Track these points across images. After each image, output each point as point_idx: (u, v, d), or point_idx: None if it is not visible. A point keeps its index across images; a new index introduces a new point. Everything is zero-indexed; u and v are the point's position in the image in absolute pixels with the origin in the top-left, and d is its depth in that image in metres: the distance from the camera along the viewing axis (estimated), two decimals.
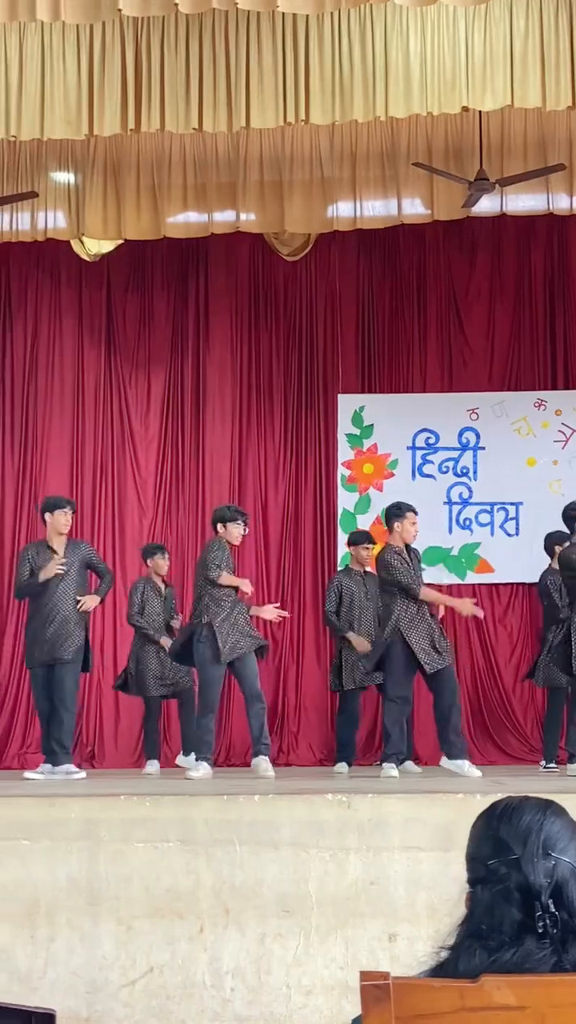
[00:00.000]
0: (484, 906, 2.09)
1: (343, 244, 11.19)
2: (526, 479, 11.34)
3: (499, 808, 2.16)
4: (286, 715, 11.06)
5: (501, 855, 2.09)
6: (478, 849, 2.14)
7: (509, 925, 2.06)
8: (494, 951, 2.05)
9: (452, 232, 11.24)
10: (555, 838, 2.09)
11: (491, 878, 2.09)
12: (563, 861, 2.07)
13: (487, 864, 2.10)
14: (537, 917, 2.05)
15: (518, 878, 2.07)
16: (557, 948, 2.04)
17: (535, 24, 7.79)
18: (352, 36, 7.93)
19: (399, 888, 5.91)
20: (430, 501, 11.37)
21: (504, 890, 2.07)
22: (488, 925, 2.07)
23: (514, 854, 2.08)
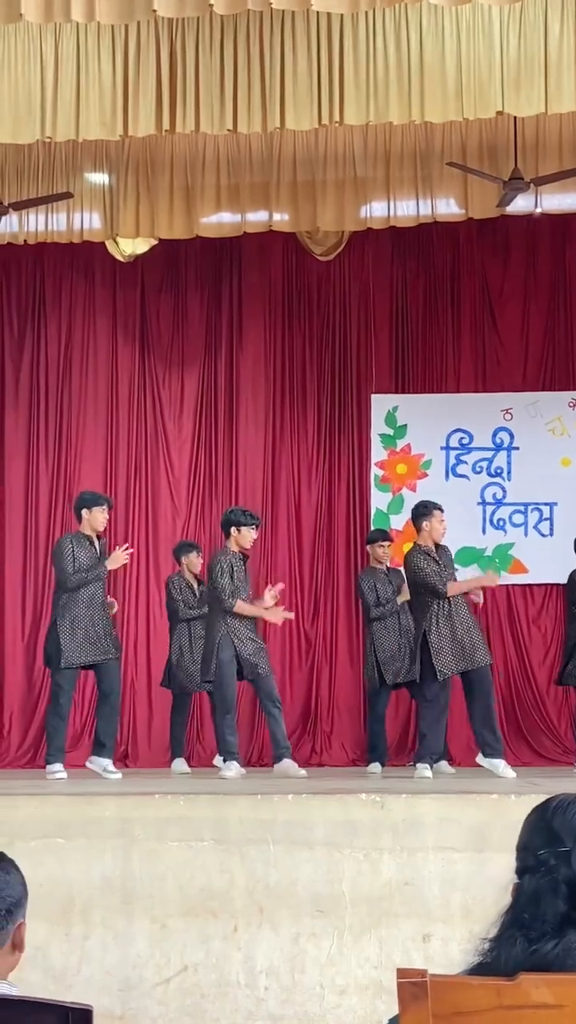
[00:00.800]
0: (529, 895, 2.11)
1: (376, 243, 11.18)
2: (560, 479, 11.30)
3: (555, 802, 2.19)
4: (319, 715, 11.07)
5: (552, 846, 2.11)
6: (530, 839, 2.17)
7: (553, 916, 2.07)
8: (535, 941, 2.06)
9: (486, 231, 11.22)
10: None
11: (539, 868, 2.11)
12: None
13: (537, 854, 2.12)
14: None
15: (567, 871, 2.09)
16: None
17: (570, 28, 7.75)
18: (387, 37, 7.91)
19: (433, 888, 5.91)
20: (464, 501, 11.37)
21: (552, 881, 2.09)
22: (531, 915, 2.09)
23: (565, 847, 2.10)
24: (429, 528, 8.51)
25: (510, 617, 11.23)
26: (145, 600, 11.20)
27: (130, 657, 10.92)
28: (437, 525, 8.56)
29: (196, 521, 11.47)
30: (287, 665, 11.27)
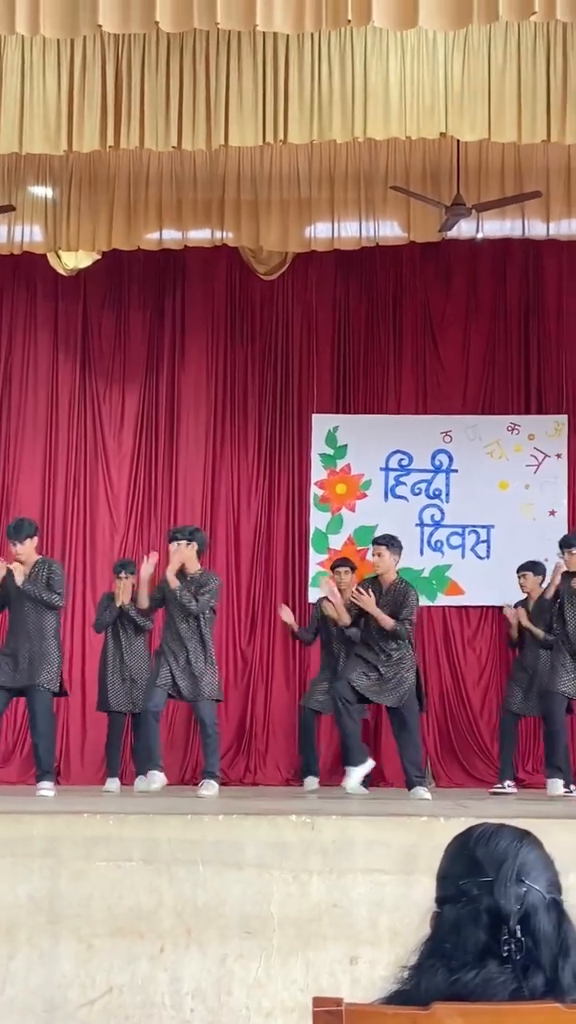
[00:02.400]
0: (450, 925, 2.10)
1: (320, 264, 11.22)
2: (498, 502, 11.37)
3: (477, 831, 2.17)
4: (254, 734, 11.04)
5: (474, 876, 2.10)
6: (451, 868, 2.15)
7: (473, 946, 2.06)
8: (456, 971, 2.05)
9: (429, 255, 11.28)
10: (530, 866, 2.10)
11: (461, 898, 2.09)
12: (535, 889, 2.08)
13: (459, 883, 2.11)
14: (503, 941, 2.05)
15: (489, 901, 2.07)
16: (518, 975, 2.05)
17: (513, 56, 7.84)
18: (332, 58, 7.96)
19: (361, 910, 5.89)
20: (402, 523, 11.37)
21: (473, 911, 2.07)
22: (452, 944, 2.08)
23: (488, 877, 2.09)
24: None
25: (446, 639, 11.27)
26: (81, 616, 11.12)
27: (64, 674, 10.83)
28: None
29: (134, 537, 11.42)
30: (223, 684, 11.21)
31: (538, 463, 11.42)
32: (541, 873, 2.11)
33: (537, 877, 2.10)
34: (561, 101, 7.90)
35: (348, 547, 11.36)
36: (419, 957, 2.14)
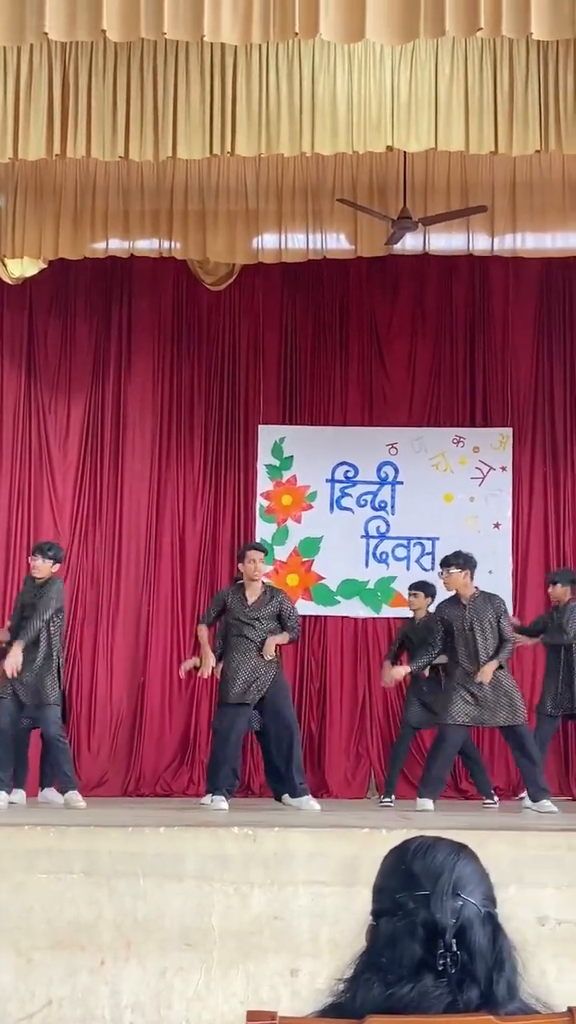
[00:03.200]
0: (386, 938, 2.10)
1: (267, 276, 11.22)
2: (443, 515, 11.41)
3: (414, 844, 2.17)
4: (198, 746, 11.00)
5: (411, 889, 2.10)
6: (387, 881, 2.15)
7: (409, 959, 2.06)
8: (391, 984, 2.05)
9: (375, 268, 11.32)
10: (466, 880, 2.11)
11: (397, 911, 2.10)
12: (470, 903, 2.08)
13: (395, 897, 2.11)
14: (438, 955, 2.05)
15: (425, 914, 2.07)
16: (453, 988, 2.05)
17: (460, 69, 7.89)
18: (280, 71, 7.97)
19: (302, 922, 5.89)
20: (347, 534, 11.44)
21: (409, 924, 2.07)
22: (388, 958, 2.08)
23: (424, 890, 2.09)
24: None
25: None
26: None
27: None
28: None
29: (79, 548, 11.36)
30: (167, 696, 11.21)
31: (483, 476, 11.48)
32: (477, 887, 2.12)
33: (473, 891, 2.10)
34: (507, 115, 7.96)
35: (293, 558, 11.38)
36: (355, 970, 2.14)
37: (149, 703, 11.15)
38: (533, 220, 9.79)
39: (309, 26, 6.66)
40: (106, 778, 10.77)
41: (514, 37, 7.19)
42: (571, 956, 5.81)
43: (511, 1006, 2.08)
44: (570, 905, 5.89)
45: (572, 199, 9.68)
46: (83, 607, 11.17)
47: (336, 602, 11.33)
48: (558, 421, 11.53)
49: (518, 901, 5.84)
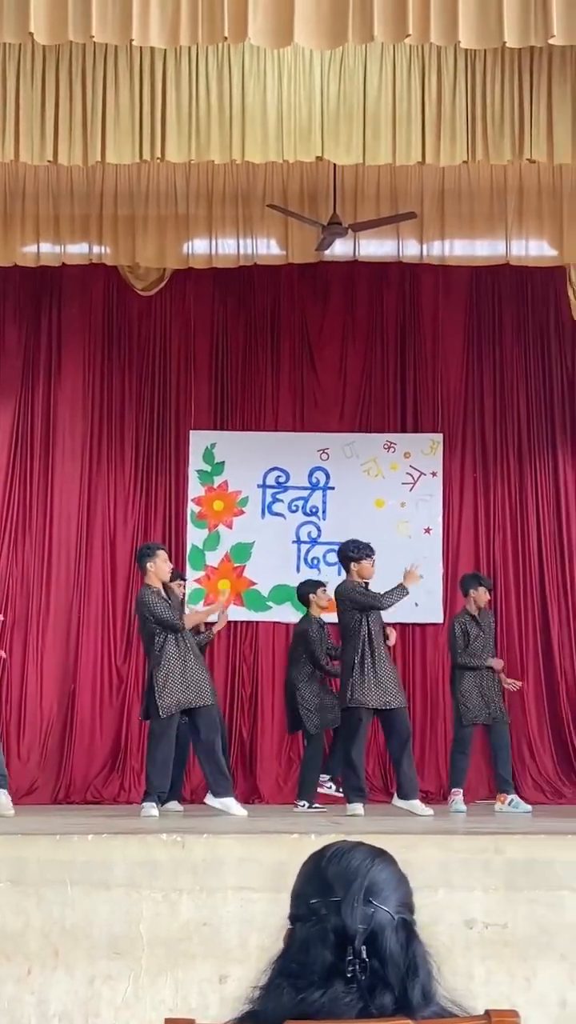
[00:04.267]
0: (300, 944, 2.10)
1: (198, 281, 11.21)
2: (374, 520, 11.44)
3: (331, 849, 2.17)
4: (129, 753, 10.96)
5: (324, 895, 2.10)
6: (303, 887, 2.15)
7: (320, 966, 2.06)
8: (302, 990, 2.05)
9: (307, 274, 11.35)
10: (379, 886, 2.10)
11: (311, 917, 2.09)
12: (382, 910, 2.08)
13: (309, 902, 2.11)
14: (348, 961, 2.05)
15: (336, 920, 2.07)
16: (364, 994, 2.05)
17: (388, 79, 7.95)
18: (210, 76, 8.00)
19: (231, 929, 5.88)
20: (279, 540, 11.45)
21: (321, 930, 2.07)
22: (300, 964, 2.07)
23: (336, 896, 2.08)
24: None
25: None
26: None
27: None
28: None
29: (9, 553, 11.28)
30: (98, 702, 11.16)
31: (414, 481, 11.54)
32: (391, 893, 2.11)
33: (387, 897, 2.10)
34: (435, 124, 8.03)
35: (225, 564, 11.37)
36: (269, 976, 2.13)
37: (79, 710, 11.09)
38: (462, 228, 9.87)
39: (238, 30, 6.68)
40: (36, 785, 10.70)
41: (442, 45, 7.26)
42: (499, 959, 5.84)
43: (427, 1011, 2.08)
44: (498, 908, 5.92)
45: (500, 207, 9.77)
46: (13, 612, 11.08)
47: (267, 607, 11.34)
48: (487, 427, 11.62)
49: (446, 905, 5.87)
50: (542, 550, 11.47)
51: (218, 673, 10.94)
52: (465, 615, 9.67)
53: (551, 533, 11.51)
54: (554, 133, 7.98)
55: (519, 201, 9.81)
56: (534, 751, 11.02)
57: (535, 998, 5.78)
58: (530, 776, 10.91)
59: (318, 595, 9.67)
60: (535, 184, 9.71)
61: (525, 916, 5.92)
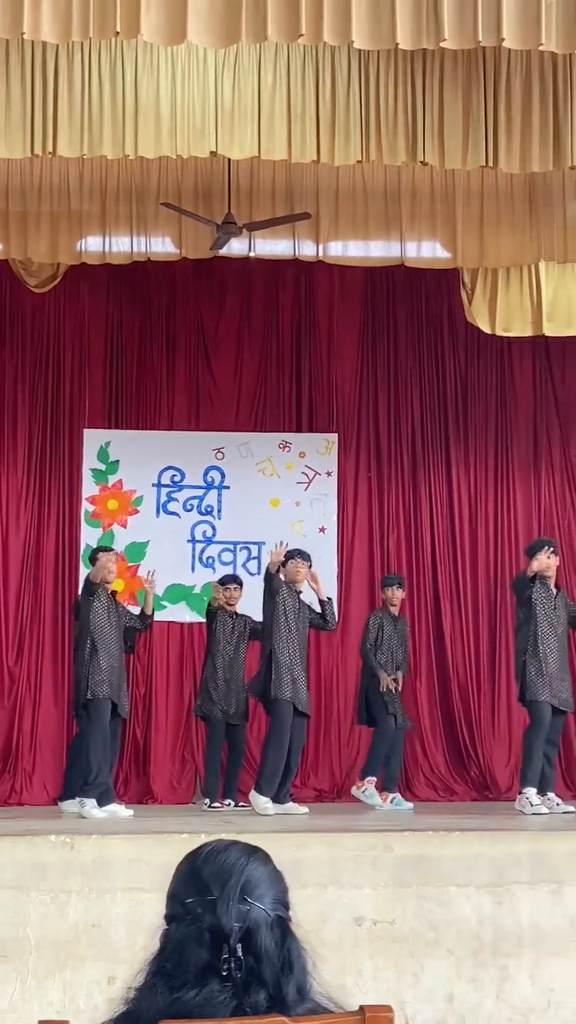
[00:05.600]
0: (174, 944, 2.09)
1: (92, 277, 11.12)
2: (269, 519, 11.46)
3: (207, 848, 2.17)
4: (20, 754, 10.84)
5: (200, 895, 2.09)
6: (178, 887, 2.15)
7: (195, 965, 2.05)
8: (177, 990, 2.04)
9: (202, 272, 11.32)
10: (255, 884, 2.10)
11: (185, 916, 2.09)
12: (258, 907, 2.08)
13: (184, 902, 2.10)
14: (223, 960, 2.05)
15: (211, 919, 2.07)
16: (239, 992, 2.05)
17: (282, 78, 7.96)
18: (103, 72, 7.93)
19: (120, 930, 5.85)
20: (174, 539, 11.41)
21: (196, 929, 2.07)
22: (174, 963, 2.07)
23: (212, 895, 2.08)
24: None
25: None
26: None
27: None
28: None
29: None
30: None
31: (309, 481, 11.57)
32: (267, 890, 2.11)
33: (262, 895, 2.10)
34: (330, 123, 8.05)
35: (119, 563, 11.27)
36: (144, 976, 2.13)
37: None
38: (356, 228, 9.91)
39: (130, 26, 6.64)
40: None
41: (335, 44, 7.28)
42: (387, 955, 5.88)
43: (302, 1007, 2.08)
44: (386, 905, 5.96)
45: (394, 209, 9.83)
46: None
47: (162, 607, 11.26)
48: (382, 427, 11.69)
49: (335, 902, 5.90)
50: (435, 549, 11.57)
51: None
52: (383, 613, 9.92)
53: (444, 532, 11.61)
54: (446, 137, 8.04)
55: (413, 204, 9.88)
56: (426, 749, 11.11)
57: (423, 993, 5.83)
58: (422, 774, 11.00)
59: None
60: (428, 187, 9.79)
61: (413, 912, 5.97)
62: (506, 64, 8.04)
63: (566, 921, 6.26)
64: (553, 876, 6.32)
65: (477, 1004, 5.96)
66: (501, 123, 8.00)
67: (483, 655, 11.34)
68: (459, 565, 11.50)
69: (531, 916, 6.22)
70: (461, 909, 6.04)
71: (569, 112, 8.01)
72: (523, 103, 8.04)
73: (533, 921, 6.22)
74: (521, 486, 11.72)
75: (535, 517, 11.68)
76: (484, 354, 11.73)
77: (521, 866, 6.28)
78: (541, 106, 8.03)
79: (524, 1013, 6.01)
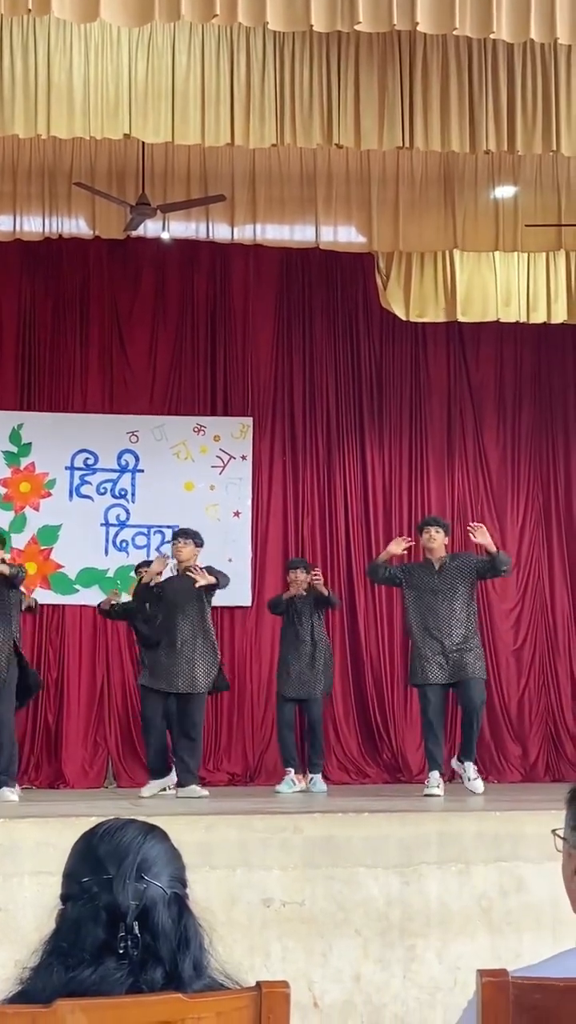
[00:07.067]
0: (70, 923, 2.10)
1: (4, 257, 10.98)
2: (184, 503, 11.43)
3: (103, 828, 2.18)
4: None
5: (96, 874, 2.09)
6: (74, 866, 2.15)
7: (91, 944, 2.06)
8: (73, 968, 2.05)
9: (116, 254, 11.24)
10: (151, 862, 2.11)
11: (82, 896, 2.10)
12: (155, 885, 2.09)
13: (80, 881, 2.10)
14: (119, 938, 2.05)
15: (107, 898, 2.07)
16: (135, 970, 2.05)
17: (196, 59, 7.92)
18: (14, 50, 7.83)
19: (28, 914, 5.81)
20: (87, 522, 11.34)
21: (92, 908, 2.08)
22: (70, 943, 2.08)
23: (108, 874, 2.09)
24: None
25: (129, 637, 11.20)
26: None
27: None
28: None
29: None
30: None
31: (223, 464, 11.55)
32: (164, 868, 2.12)
33: (159, 872, 2.11)
34: (244, 105, 8.03)
35: (31, 546, 11.20)
36: (40, 956, 2.12)
37: None
38: (272, 211, 9.88)
39: (42, 3, 6.56)
40: None
41: (250, 25, 7.25)
42: (295, 937, 5.90)
43: (198, 984, 2.09)
44: (294, 886, 5.98)
45: (310, 191, 9.82)
46: None
47: (75, 591, 11.22)
48: (297, 411, 11.70)
49: (244, 883, 5.91)
50: (349, 533, 11.61)
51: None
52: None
53: (358, 516, 11.65)
54: (361, 119, 8.05)
55: (329, 187, 9.88)
56: (339, 732, 11.16)
57: (331, 973, 5.86)
58: (335, 757, 11.05)
59: None
60: (344, 170, 9.79)
61: (322, 893, 6.00)
62: (422, 46, 8.05)
63: (473, 901, 6.32)
64: (461, 856, 6.38)
65: (384, 983, 6.00)
66: (417, 104, 8.02)
67: (396, 638, 11.40)
68: (373, 549, 11.54)
69: (439, 896, 6.28)
70: (370, 890, 6.08)
71: (484, 95, 8.05)
72: (440, 85, 8.06)
73: (441, 901, 6.28)
74: (435, 470, 11.80)
75: (448, 500, 11.76)
76: (399, 339, 11.77)
77: (429, 847, 6.34)
78: (458, 88, 8.06)
79: (431, 992, 6.07)
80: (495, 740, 11.30)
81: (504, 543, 11.69)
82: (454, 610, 8.84)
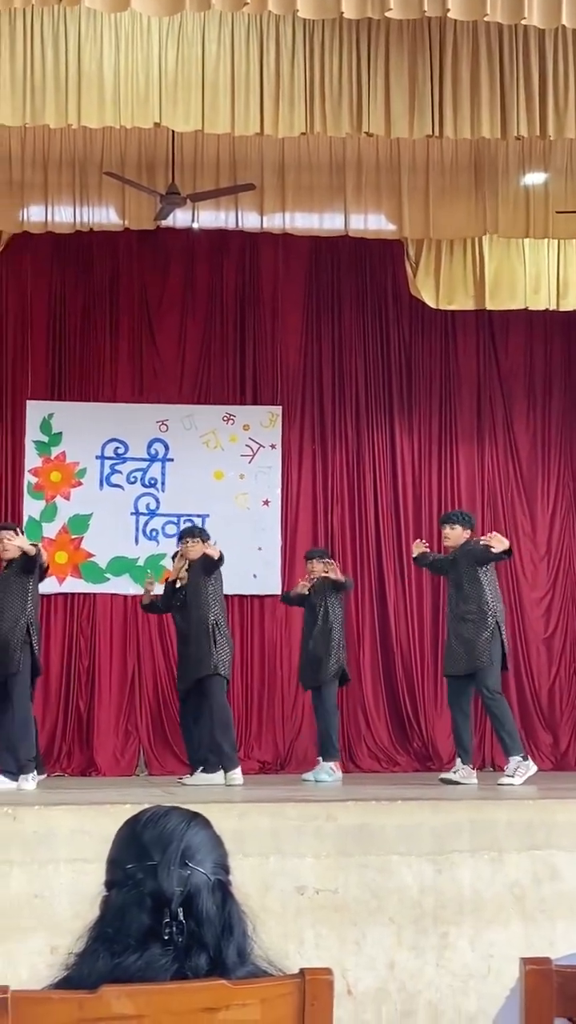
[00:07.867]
0: (115, 910, 2.11)
1: (36, 248, 11.02)
2: (213, 492, 11.45)
3: (147, 815, 2.19)
4: None
5: (140, 860, 2.11)
6: (119, 853, 2.17)
7: (137, 930, 2.08)
8: (118, 955, 2.07)
9: (146, 243, 11.25)
10: (195, 848, 2.13)
11: (127, 882, 2.11)
12: (199, 872, 2.10)
13: (125, 868, 2.12)
14: (164, 924, 2.07)
15: (152, 884, 2.09)
16: (180, 956, 2.07)
17: (227, 48, 7.91)
18: (45, 39, 7.84)
19: (63, 900, 5.85)
20: (117, 511, 11.37)
21: (137, 895, 2.09)
22: (116, 929, 2.09)
23: (153, 860, 2.10)
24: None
25: (160, 627, 11.24)
26: None
27: None
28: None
29: None
30: None
31: (253, 453, 11.56)
32: (207, 855, 2.14)
33: (202, 859, 2.12)
34: (274, 94, 8.01)
35: (62, 536, 11.25)
36: (85, 943, 2.14)
37: None
38: (301, 199, 9.89)
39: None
40: None
41: (280, 13, 7.24)
42: (329, 924, 5.92)
43: (242, 971, 2.11)
44: (328, 874, 6.00)
45: (339, 179, 9.82)
46: None
47: (105, 579, 11.26)
48: (326, 399, 11.69)
49: (278, 871, 5.93)
50: (379, 521, 11.61)
51: (54, 646, 10.86)
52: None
53: (388, 504, 11.65)
54: (391, 107, 8.03)
55: (358, 175, 9.87)
56: (369, 720, 11.17)
57: (364, 961, 5.88)
58: (365, 745, 11.06)
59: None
60: (374, 158, 9.78)
61: (355, 881, 6.01)
62: (452, 33, 8.02)
63: (505, 889, 6.33)
64: (494, 844, 6.38)
65: (418, 971, 6.02)
66: (447, 92, 8.00)
67: (426, 627, 11.40)
68: (402, 536, 11.54)
69: (472, 884, 6.29)
70: (403, 877, 6.09)
71: (515, 81, 8.01)
72: (470, 72, 8.03)
73: (474, 889, 6.29)
74: (464, 458, 11.78)
75: (478, 488, 11.74)
76: (428, 326, 11.75)
77: (462, 834, 6.34)
78: (488, 75, 8.02)
79: (464, 979, 6.08)
80: (526, 728, 11.28)
81: (534, 530, 11.68)
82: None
